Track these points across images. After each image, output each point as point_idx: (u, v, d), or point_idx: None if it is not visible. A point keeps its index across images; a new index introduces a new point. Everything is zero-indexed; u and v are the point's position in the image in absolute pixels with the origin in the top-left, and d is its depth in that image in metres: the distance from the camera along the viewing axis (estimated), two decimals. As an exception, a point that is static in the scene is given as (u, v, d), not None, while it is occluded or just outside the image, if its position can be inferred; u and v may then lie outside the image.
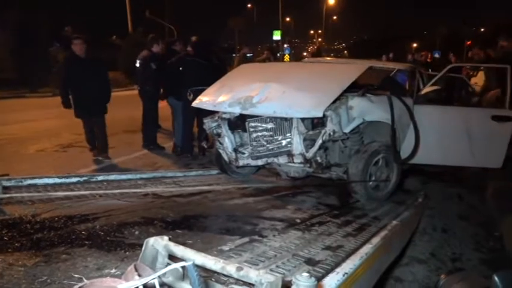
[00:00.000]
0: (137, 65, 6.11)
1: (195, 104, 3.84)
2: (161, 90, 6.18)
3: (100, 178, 3.58)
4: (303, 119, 3.37)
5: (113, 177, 3.67)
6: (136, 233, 2.35)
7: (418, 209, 3.70)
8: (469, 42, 24.68)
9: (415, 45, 36.47)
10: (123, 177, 3.73)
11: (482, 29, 37.31)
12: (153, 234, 1.31)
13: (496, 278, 1.15)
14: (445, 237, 3.72)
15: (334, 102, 3.30)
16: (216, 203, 3.27)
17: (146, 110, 6.22)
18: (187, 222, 2.64)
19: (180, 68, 5.53)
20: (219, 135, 3.88)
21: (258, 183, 4.07)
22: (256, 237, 2.43)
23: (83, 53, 5.25)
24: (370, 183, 3.60)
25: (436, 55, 14.67)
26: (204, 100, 3.79)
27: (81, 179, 3.47)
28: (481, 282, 1.28)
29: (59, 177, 3.42)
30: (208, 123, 3.92)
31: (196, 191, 3.58)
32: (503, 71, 4.44)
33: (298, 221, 2.89)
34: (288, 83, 3.54)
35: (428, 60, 11.97)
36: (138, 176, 3.84)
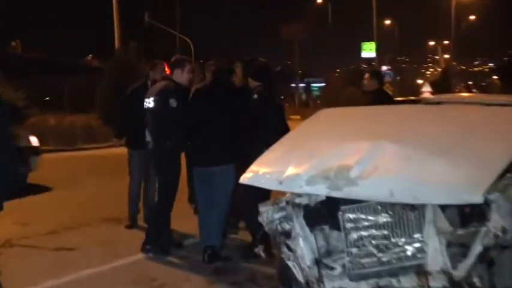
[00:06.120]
0: (149, 104, 3.97)
1: (245, 179, 2.84)
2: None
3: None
4: (444, 208, 2.42)
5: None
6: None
7: None
8: None
9: None
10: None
11: None
12: None
13: None
14: None
15: (498, 178, 2.34)
16: None
17: (162, 185, 4.08)
18: None
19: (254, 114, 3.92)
20: (287, 234, 2.78)
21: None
22: None
23: None
24: None
25: None
26: (261, 173, 2.84)
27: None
28: None
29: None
30: (268, 213, 2.83)
31: None
32: None
33: None
34: (414, 143, 2.65)
35: None
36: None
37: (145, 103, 4.05)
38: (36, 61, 19.26)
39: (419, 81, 28.57)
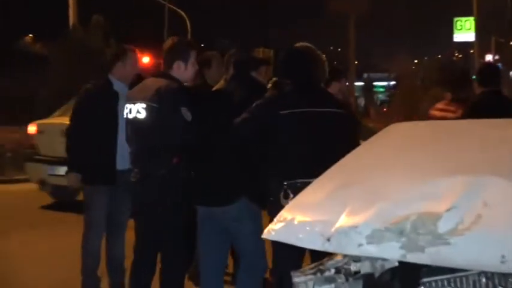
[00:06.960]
0: (139, 114, 2.72)
1: (271, 233, 2.13)
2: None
3: None
4: None
5: None
6: None
7: None
8: None
9: None
10: None
11: None
12: None
13: None
14: None
15: None
16: None
17: (146, 239, 2.80)
18: None
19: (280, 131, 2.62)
20: None
21: None
22: None
23: None
24: None
25: None
26: (296, 222, 2.21)
27: None
28: None
29: None
30: (308, 286, 2.22)
31: None
32: None
33: None
34: None
35: None
36: None
37: (126, 111, 2.76)
38: None
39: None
